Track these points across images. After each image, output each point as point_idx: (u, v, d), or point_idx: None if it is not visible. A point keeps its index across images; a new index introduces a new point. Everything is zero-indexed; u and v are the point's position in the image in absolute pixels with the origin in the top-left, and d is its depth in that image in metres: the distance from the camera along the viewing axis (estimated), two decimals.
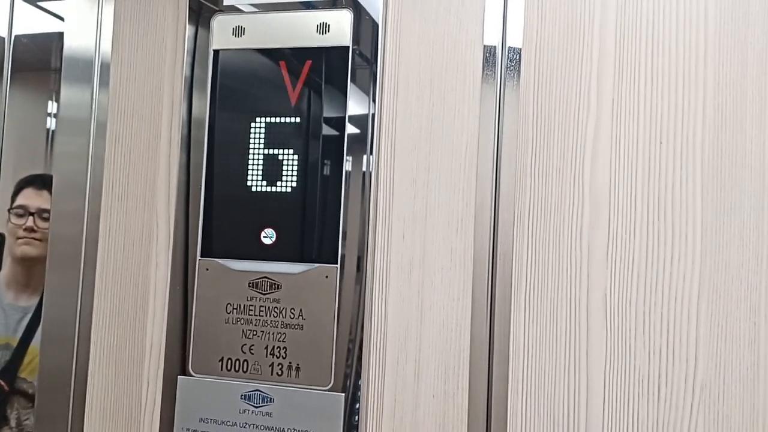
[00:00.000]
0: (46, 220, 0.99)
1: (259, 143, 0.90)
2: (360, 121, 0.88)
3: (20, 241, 1.02)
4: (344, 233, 0.87)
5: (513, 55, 0.84)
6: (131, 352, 0.95)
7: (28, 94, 1.04)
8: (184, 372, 0.91)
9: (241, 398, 0.88)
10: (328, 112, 0.88)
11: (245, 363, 0.88)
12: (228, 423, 0.88)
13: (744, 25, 0.78)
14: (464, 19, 0.85)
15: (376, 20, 0.88)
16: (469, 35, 0.85)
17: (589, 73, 0.82)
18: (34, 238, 1.01)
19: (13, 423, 1.00)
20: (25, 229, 1.02)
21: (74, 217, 0.98)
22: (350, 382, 0.85)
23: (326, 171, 0.88)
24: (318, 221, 0.88)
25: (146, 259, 0.95)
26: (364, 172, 0.87)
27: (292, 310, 0.87)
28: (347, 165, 0.87)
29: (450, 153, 0.85)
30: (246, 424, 0.87)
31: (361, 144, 0.87)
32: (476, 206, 0.83)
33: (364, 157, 0.87)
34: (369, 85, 0.88)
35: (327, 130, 0.88)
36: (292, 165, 0.88)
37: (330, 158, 0.88)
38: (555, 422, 0.80)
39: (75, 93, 0.99)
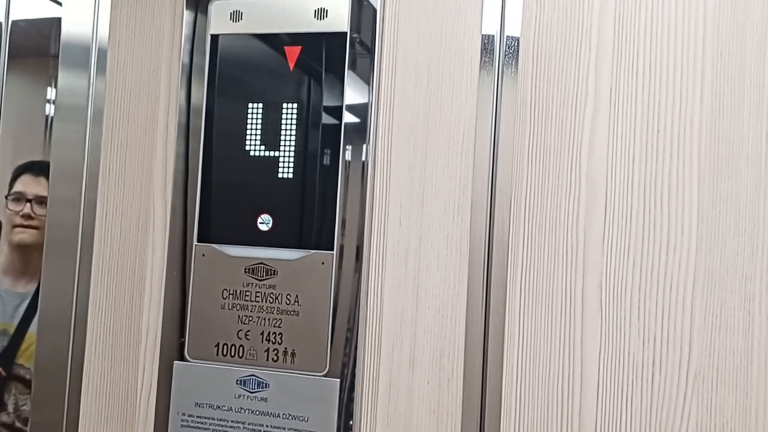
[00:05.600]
0: (44, 206, 0.99)
1: (257, 128, 0.89)
2: (359, 108, 0.87)
3: (17, 228, 1.02)
4: (341, 220, 0.87)
5: (511, 43, 0.83)
6: (127, 338, 0.95)
7: (26, 80, 1.04)
8: (180, 357, 0.91)
9: (237, 383, 0.88)
10: (326, 99, 0.88)
11: (241, 348, 0.88)
12: (223, 408, 0.88)
13: (743, 13, 0.78)
14: (463, 7, 0.85)
15: (375, 6, 0.87)
16: (467, 23, 0.85)
17: (588, 61, 0.81)
18: (31, 225, 1.01)
19: (10, 408, 1.00)
20: (22, 216, 1.02)
21: (71, 204, 0.97)
22: (346, 369, 0.86)
23: (324, 157, 0.88)
24: (315, 208, 0.87)
25: (143, 245, 0.95)
26: (361, 157, 0.87)
27: (288, 296, 0.87)
28: (345, 150, 0.87)
29: (447, 140, 0.85)
30: (241, 409, 0.88)
31: (359, 129, 0.87)
32: (473, 193, 0.83)
33: (362, 143, 0.87)
34: (368, 73, 0.87)
35: (325, 118, 0.88)
36: (290, 151, 0.88)
37: (327, 144, 0.87)
38: (549, 408, 0.80)
39: (73, 79, 0.98)
